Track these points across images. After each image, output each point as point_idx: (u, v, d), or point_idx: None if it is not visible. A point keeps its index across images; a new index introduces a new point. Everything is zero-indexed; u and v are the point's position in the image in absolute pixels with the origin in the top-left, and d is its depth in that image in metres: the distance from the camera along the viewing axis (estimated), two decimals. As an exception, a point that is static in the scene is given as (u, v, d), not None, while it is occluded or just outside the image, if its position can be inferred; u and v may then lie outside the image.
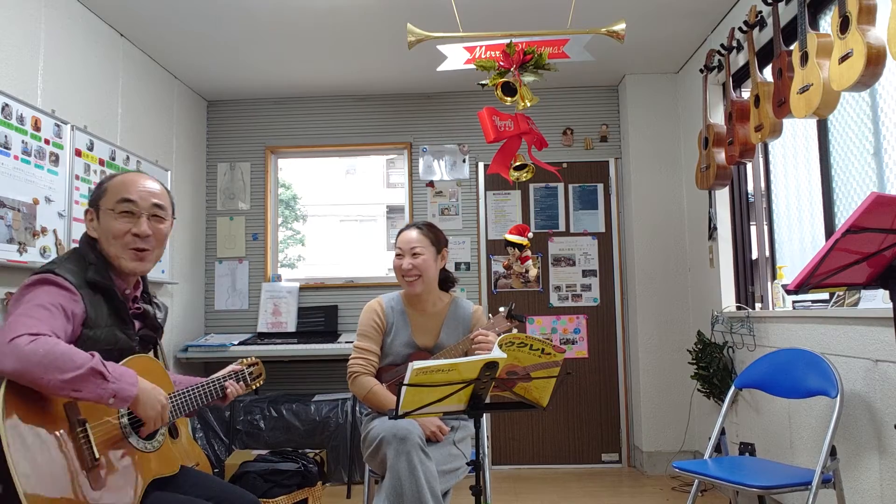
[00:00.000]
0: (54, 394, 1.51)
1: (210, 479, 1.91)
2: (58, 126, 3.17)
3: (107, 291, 1.74)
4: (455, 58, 3.00)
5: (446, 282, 2.70)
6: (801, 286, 1.69)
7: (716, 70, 3.81)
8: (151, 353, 1.89)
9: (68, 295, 1.64)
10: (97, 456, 1.55)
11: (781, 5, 3.00)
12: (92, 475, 1.53)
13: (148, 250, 1.80)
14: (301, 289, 4.82)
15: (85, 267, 1.73)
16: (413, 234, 2.57)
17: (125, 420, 1.68)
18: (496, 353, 1.76)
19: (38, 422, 1.49)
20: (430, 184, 4.91)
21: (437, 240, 2.60)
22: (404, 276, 2.54)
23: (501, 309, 2.53)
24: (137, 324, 1.85)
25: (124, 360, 1.73)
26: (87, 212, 1.81)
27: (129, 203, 1.78)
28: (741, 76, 3.69)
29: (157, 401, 1.64)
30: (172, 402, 1.79)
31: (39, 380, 1.46)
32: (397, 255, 2.57)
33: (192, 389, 1.88)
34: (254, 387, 2.10)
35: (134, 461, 1.66)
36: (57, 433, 1.52)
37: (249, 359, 2.12)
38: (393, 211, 13.53)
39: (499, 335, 2.43)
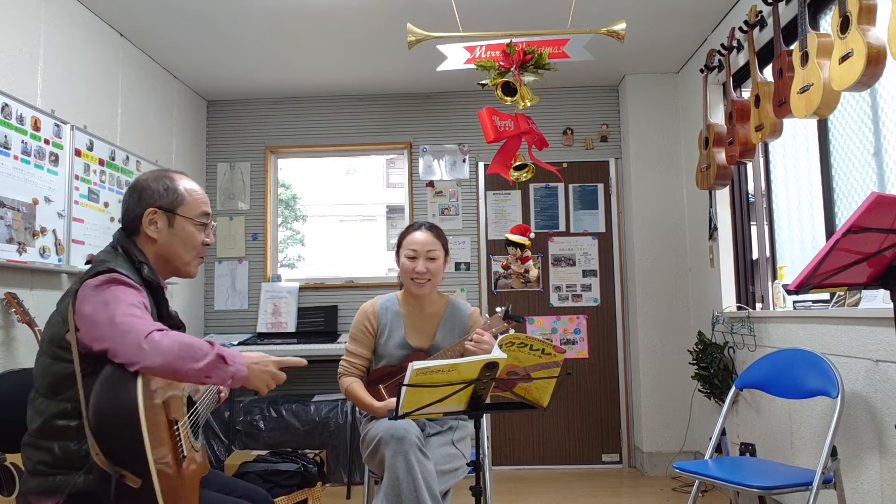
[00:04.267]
0: (187, 382, 1.60)
1: (221, 475, 1.97)
2: (57, 126, 3.17)
3: (155, 290, 1.78)
4: (455, 58, 2.99)
5: None
6: (802, 286, 1.69)
7: (716, 70, 3.81)
8: None
9: (139, 293, 1.66)
10: (185, 453, 1.63)
11: (782, 5, 3.00)
12: (182, 469, 1.61)
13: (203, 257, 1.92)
14: (301, 289, 4.82)
15: (136, 266, 1.74)
16: (427, 236, 2.54)
17: (188, 420, 1.74)
18: (496, 354, 1.76)
19: (157, 421, 1.55)
20: (430, 184, 4.91)
21: (446, 242, 2.61)
22: (415, 279, 2.51)
23: (498, 309, 2.52)
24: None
25: None
26: (152, 212, 1.79)
27: (208, 216, 1.89)
28: (741, 76, 3.69)
29: (263, 371, 1.68)
30: (203, 400, 1.86)
31: (179, 370, 1.53)
32: (410, 257, 2.52)
33: (207, 390, 1.93)
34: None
35: (196, 459, 1.74)
36: (165, 431, 1.58)
37: None
38: (393, 211, 13.53)
39: (495, 336, 2.42)
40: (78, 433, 1.56)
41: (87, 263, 1.80)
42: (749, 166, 3.85)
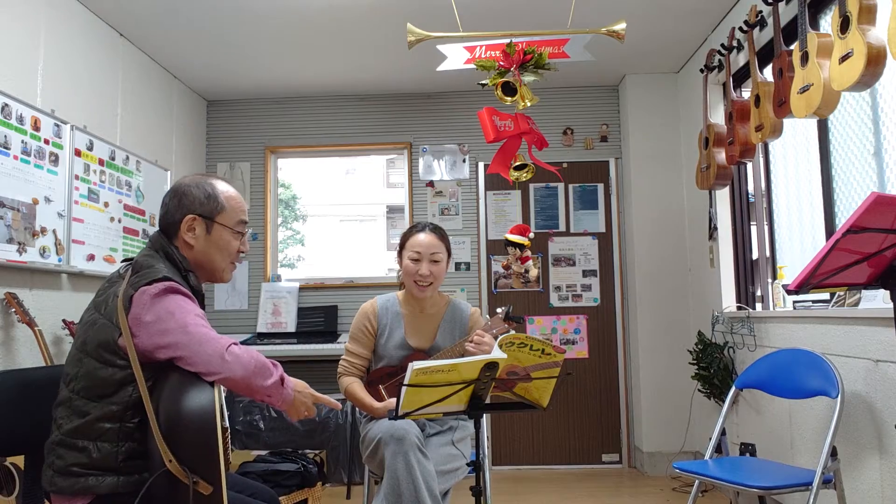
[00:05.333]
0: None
1: (230, 475, 1.95)
2: (57, 126, 3.17)
3: (201, 299, 1.80)
4: (455, 58, 2.99)
5: None
6: (802, 286, 1.69)
7: (716, 70, 3.81)
8: None
9: (196, 304, 1.69)
10: (230, 459, 1.64)
11: (782, 5, 3.00)
12: (227, 475, 1.63)
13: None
14: (301, 289, 4.82)
15: (183, 274, 1.75)
16: (431, 238, 2.52)
17: None
18: (496, 354, 1.76)
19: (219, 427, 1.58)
20: (430, 184, 4.91)
21: (449, 244, 2.59)
22: (418, 282, 2.50)
23: (499, 310, 2.51)
24: None
25: None
26: (191, 219, 1.78)
27: (245, 225, 1.91)
28: (741, 76, 3.68)
29: (302, 402, 1.76)
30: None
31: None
32: (413, 259, 2.50)
33: None
34: None
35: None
36: (222, 437, 1.61)
37: None
38: (393, 211, 13.52)
39: (496, 337, 2.42)
40: (119, 436, 1.57)
41: (124, 261, 1.78)
42: (749, 166, 3.86)
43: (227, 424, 1.68)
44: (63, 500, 1.59)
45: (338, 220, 14.36)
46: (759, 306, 3.69)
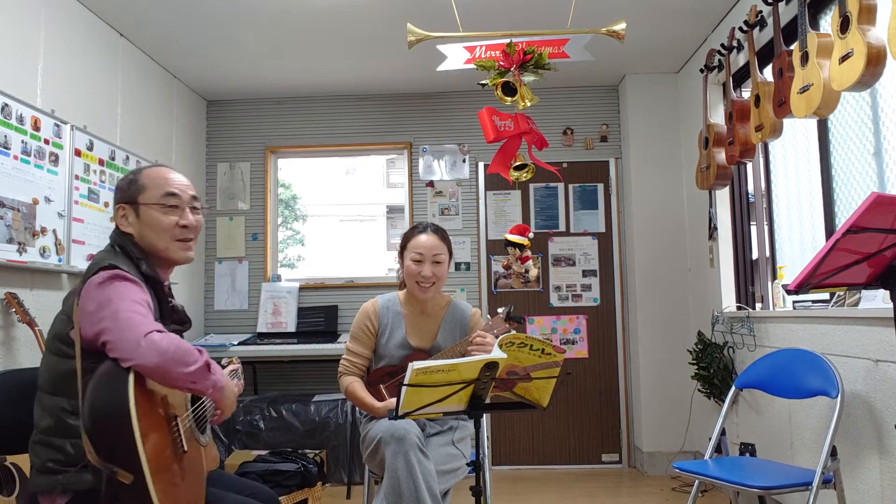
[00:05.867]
0: (174, 386, 1.59)
1: (226, 475, 1.98)
2: (57, 126, 3.17)
3: (156, 285, 1.78)
4: (455, 58, 2.99)
5: None
6: (802, 286, 1.69)
7: (716, 70, 3.81)
8: None
9: (141, 289, 1.67)
10: (185, 448, 1.63)
11: (782, 5, 3.00)
12: (181, 466, 1.61)
13: (192, 240, 1.87)
14: (301, 289, 4.82)
15: (135, 262, 1.75)
16: (433, 240, 2.51)
17: (191, 416, 1.74)
18: (496, 354, 1.76)
19: (152, 416, 1.56)
20: (430, 184, 4.91)
21: (451, 246, 2.59)
22: (420, 283, 2.50)
23: (500, 310, 2.51)
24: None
25: None
26: (119, 208, 1.81)
27: (174, 197, 1.83)
28: (741, 76, 3.69)
29: (234, 391, 1.76)
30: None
31: (170, 373, 1.54)
32: (416, 260, 2.49)
33: None
34: (241, 385, 2.12)
35: (200, 455, 1.74)
36: (164, 425, 1.59)
37: (234, 358, 2.14)
38: (393, 211, 13.52)
39: (497, 337, 2.42)
40: None
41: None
42: (749, 166, 3.86)
43: (183, 412, 1.68)
44: (46, 500, 1.58)
45: (338, 220, 14.36)
46: (758, 306, 3.69)
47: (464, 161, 4.92)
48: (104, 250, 1.79)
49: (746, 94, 3.29)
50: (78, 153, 3.33)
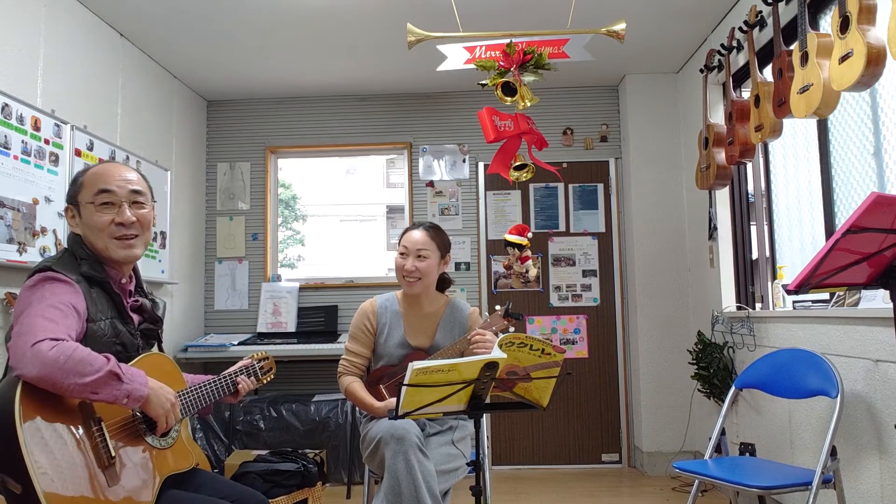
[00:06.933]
0: (72, 396, 1.54)
1: (218, 479, 1.94)
2: (58, 126, 3.17)
3: (102, 284, 1.76)
4: (455, 58, 2.99)
5: (443, 283, 2.69)
6: (802, 286, 1.69)
7: (716, 70, 3.81)
8: (155, 347, 1.91)
9: (71, 290, 1.65)
10: (113, 454, 1.58)
11: (781, 5, 3.00)
12: (109, 473, 1.56)
13: (135, 236, 1.81)
14: (301, 289, 4.82)
15: (77, 262, 1.74)
16: (420, 235, 2.54)
17: (140, 417, 1.70)
18: (496, 354, 1.76)
19: (56, 421, 1.52)
20: (430, 184, 4.91)
21: (443, 244, 2.59)
22: (405, 276, 2.53)
23: (498, 307, 2.52)
24: (136, 318, 1.87)
25: (137, 359, 1.77)
26: (66, 209, 1.82)
27: (108, 193, 1.77)
28: (741, 76, 3.69)
29: (166, 399, 1.67)
30: (183, 399, 1.82)
31: (59, 384, 1.48)
32: (401, 253, 2.54)
33: (204, 386, 1.91)
34: (265, 381, 2.10)
35: (150, 458, 1.69)
36: (74, 432, 1.54)
37: (260, 353, 2.12)
38: (393, 211, 13.52)
39: (496, 334, 2.43)
40: None
41: None
42: (749, 166, 3.86)
43: (114, 416, 1.63)
44: None
45: (338, 220, 14.36)
46: (758, 306, 3.69)
47: (464, 161, 4.92)
48: (58, 253, 1.80)
49: (746, 94, 3.29)
50: (78, 153, 3.33)
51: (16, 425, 1.43)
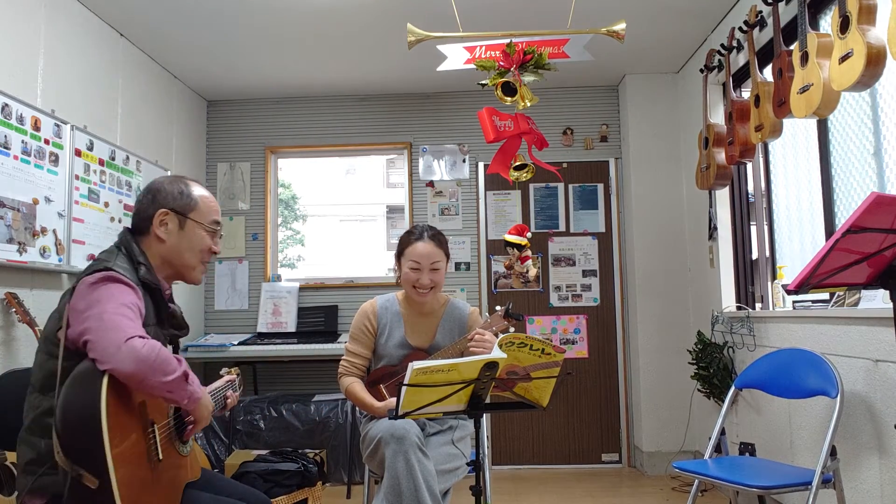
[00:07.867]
0: (151, 394, 1.58)
1: (220, 478, 1.97)
2: (57, 126, 3.17)
3: (154, 292, 1.78)
4: (455, 58, 2.99)
5: None
6: (802, 286, 1.69)
7: (716, 70, 3.81)
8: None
9: (135, 293, 1.66)
10: (161, 456, 1.62)
11: (781, 5, 3.00)
12: (156, 474, 1.60)
13: (205, 263, 1.93)
14: (301, 289, 4.82)
15: (135, 266, 1.75)
16: (430, 248, 2.50)
17: (172, 423, 1.73)
18: (496, 354, 1.76)
19: (127, 421, 1.54)
20: (430, 184, 4.91)
21: (447, 249, 2.58)
22: (418, 289, 2.50)
23: (498, 308, 2.51)
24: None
25: None
26: (163, 213, 1.81)
27: (219, 224, 1.92)
28: (741, 76, 3.69)
29: (210, 403, 1.76)
30: None
31: (146, 381, 1.52)
32: (413, 268, 2.49)
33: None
34: (237, 397, 2.11)
35: (179, 463, 1.73)
36: (137, 432, 1.57)
37: (234, 369, 2.13)
38: (393, 211, 13.52)
39: (496, 334, 2.43)
40: None
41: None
42: (749, 166, 3.86)
43: (162, 420, 1.66)
44: (29, 500, 1.57)
45: (338, 220, 14.36)
46: (758, 306, 3.69)
47: (464, 161, 4.92)
48: (107, 250, 1.78)
49: (746, 94, 3.29)
50: (78, 153, 3.33)
51: (101, 421, 1.44)
